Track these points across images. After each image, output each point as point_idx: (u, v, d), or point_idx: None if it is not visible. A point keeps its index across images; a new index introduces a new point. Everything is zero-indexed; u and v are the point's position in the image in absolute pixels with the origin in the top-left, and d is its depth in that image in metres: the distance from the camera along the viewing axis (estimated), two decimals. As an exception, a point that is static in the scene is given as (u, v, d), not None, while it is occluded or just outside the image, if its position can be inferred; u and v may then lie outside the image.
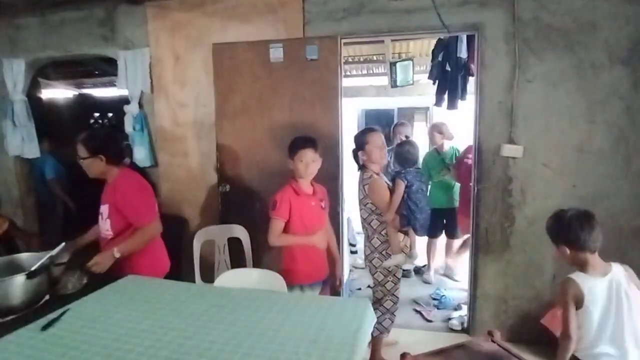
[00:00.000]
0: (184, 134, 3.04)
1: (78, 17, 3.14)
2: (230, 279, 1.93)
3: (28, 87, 3.43)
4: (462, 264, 3.73)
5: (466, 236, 3.65)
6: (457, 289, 3.55)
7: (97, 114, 6.39)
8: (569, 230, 1.58)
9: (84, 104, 6.39)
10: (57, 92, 6.03)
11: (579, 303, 1.53)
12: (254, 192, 2.81)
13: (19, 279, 1.52)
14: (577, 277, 1.55)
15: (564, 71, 2.43)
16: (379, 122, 4.64)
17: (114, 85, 4.62)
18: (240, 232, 2.76)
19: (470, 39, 2.98)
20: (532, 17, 2.43)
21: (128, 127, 3.09)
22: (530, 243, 2.58)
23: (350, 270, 3.84)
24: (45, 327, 1.38)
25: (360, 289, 3.52)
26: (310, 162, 2.09)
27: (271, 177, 2.74)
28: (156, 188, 3.16)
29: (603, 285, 1.54)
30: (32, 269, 1.58)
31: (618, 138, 2.40)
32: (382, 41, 4.06)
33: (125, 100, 3.10)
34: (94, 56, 3.38)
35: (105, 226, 2.03)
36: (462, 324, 2.86)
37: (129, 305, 1.55)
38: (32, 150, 3.45)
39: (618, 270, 1.58)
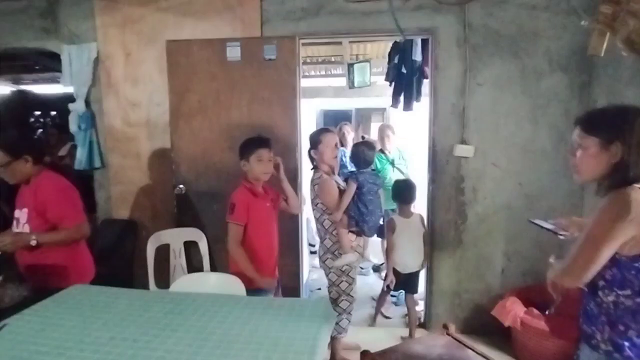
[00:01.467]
0: (136, 134, 2.90)
1: (16, 8, 2.90)
2: (187, 283, 1.87)
3: (-43, 82, 3.13)
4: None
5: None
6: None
7: (38, 113, 5.97)
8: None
9: (24, 101, 5.95)
10: (-7, 88, 5.58)
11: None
12: (211, 194, 2.74)
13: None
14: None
15: (510, 76, 2.58)
16: (337, 123, 4.68)
17: (58, 82, 4.32)
18: (196, 235, 2.68)
19: (424, 43, 3.08)
20: (481, 24, 2.56)
21: (73, 126, 2.91)
22: (481, 239, 2.72)
23: (310, 271, 3.85)
24: (-22, 345, 1.27)
25: (320, 288, 3.54)
26: (267, 162, 2.06)
27: (228, 178, 2.68)
28: (105, 191, 3.01)
29: None
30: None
31: (558, 139, 2.58)
32: (340, 42, 4.11)
33: (71, 98, 2.91)
34: (35, 50, 3.14)
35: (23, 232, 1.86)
36: (419, 319, 2.95)
37: (75, 317, 1.46)
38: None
39: None
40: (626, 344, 1.11)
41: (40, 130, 5.99)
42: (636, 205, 1.03)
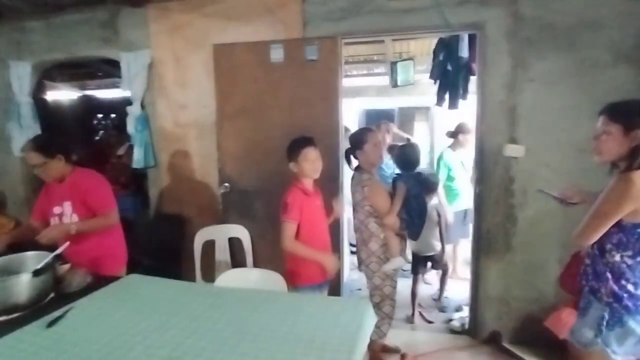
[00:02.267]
0: (185, 135, 3.06)
1: (81, 20, 3.17)
2: (230, 278, 1.95)
3: (33, 89, 3.47)
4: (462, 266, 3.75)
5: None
6: (459, 290, 3.54)
7: (100, 115, 6.45)
8: None
9: (88, 105, 6.45)
10: (62, 94, 6.09)
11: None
12: (254, 192, 2.82)
13: (25, 277, 1.55)
14: None
15: (565, 70, 2.42)
16: (379, 123, 4.62)
17: (118, 87, 4.65)
18: (240, 231, 2.78)
19: (471, 38, 2.97)
20: (533, 16, 2.42)
21: (130, 128, 3.12)
22: (532, 244, 2.57)
23: (350, 270, 3.84)
24: (50, 325, 1.41)
25: (360, 289, 3.53)
26: (315, 160, 2.08)
27: (271, 177, 2.75)
28: (157, 188, 3.20)
29: None
30: (38, 267, 1.60)
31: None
32: (383, 41, 4.06)
33: (128, 102, 3.13)
34: (97, 58, 3.41)
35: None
36: (463, 325, 2.85)
37: (131, 304, 1.57)
38: (36, 151, 3.49)
39: None
40: (625, 295, 1.41)
41: (102, 131, 6.46)
42: (637, 188, 1.33)
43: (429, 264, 3.20)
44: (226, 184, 2.86)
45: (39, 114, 3.52)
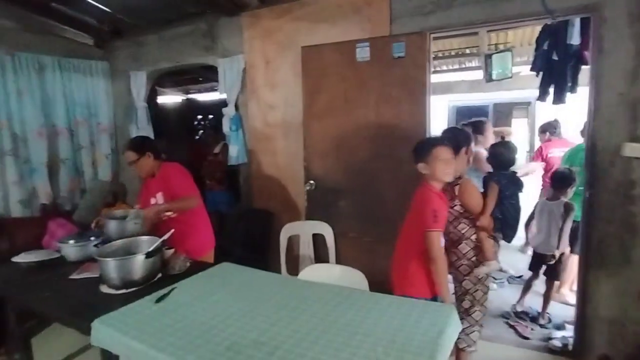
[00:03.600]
0: (274, 134, 3.23)
1: (186, 32, 3.54)
2: (313, 273, 2.00)
3: (148, 95, 3.97)
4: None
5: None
6: (561, 305, 3.17)
7: (200, 117, 7.13)
8: None
9: (190, 108, 7.17)
10: (168, 98, 6.85)
11: None
12: (339, 190, 2.86)
13: (139, 258, 1.80)
14: None
15: None
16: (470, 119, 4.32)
17: (215, 90, 5.06)
18: (324, 228, 2.84)
19: (584, 23, 2.63)
20: (665, -7, 2.06)
21: (226, 127, 3.38)
22: (657, 258, 2.20)
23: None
24: (158, 300, 1.60)
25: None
26: (449, 160, 1.90)
27: (356, 175, 2.77)
28: (248, 184, 3.42)
29: None
30: (149, 250, 1.83)
31: None
32: (477, 33, 3.81)
33: (224, 104, 3.40)
34: (198, 65, 3.76)
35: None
36: (566, 345, 2.55)
37: (224, 289, 1.71)
38: (149, 149, 3.99)
39: None
40: None
41: (201, 131, 7.14)
42: None
43: (543, 267, 3.01)
44: (311, 182, 2.94)
45: (151, 116, 4.02)
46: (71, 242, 2.27)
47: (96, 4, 3.41)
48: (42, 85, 3.61)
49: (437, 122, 4.32)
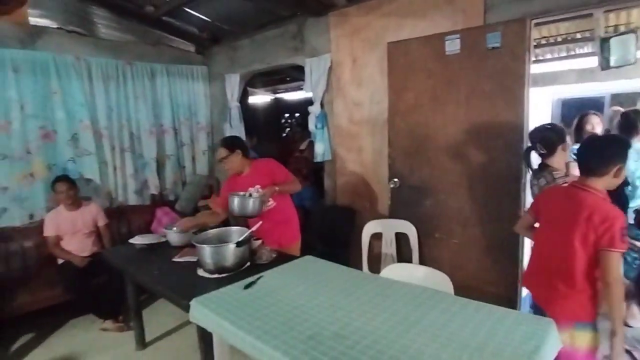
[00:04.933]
0: (358, 131, 3.23)
1: (276, 34, 3.71)
2: (396, 272, 1.97)
3: (240, 96, 4.26)
4: None
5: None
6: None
7: (287, 115, 7.45)
8: None
9: (277, 107, 7.53)
10: (258, 98, 7.27)
11: None
12: (424, 189, 2.77)
13: (231, 247, 1.96)
14: None
15: None
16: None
17: (302, 89, 5.24)
18: (407, 227, 2.77)
19: None
20: None
21: (311, 125, 3.48)
22: None
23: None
24: (246, 287, 1.73)
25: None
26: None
27: (443, 175, 2.65)
28: (332, 180, 3.49)
29: None
30: (239, 239, 1.98)
31: None
32: (590, 14, 3.36)
33: (310, 102, 3.50)
34: (287, 65, 3.92)
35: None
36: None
37: (307, 281, 1.77)
38: (241, 146, 4.30)
39: None
40: None
41: (288, 129, 7.45)
42: None
43: None
44: (395, 180, 2.89)
45: (243, 115, 4.31)
46: (174, 229, 2.55)
47: (198, 15, 3.76)
48: (153, 90, 4.10)
49: (539, 117, 3.92)
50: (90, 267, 3.03)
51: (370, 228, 2.86)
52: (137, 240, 2.58)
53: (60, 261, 3.10)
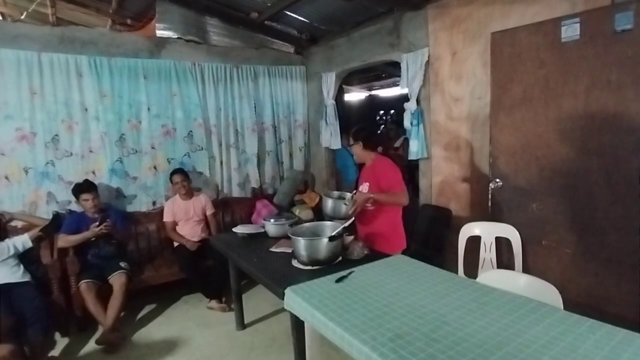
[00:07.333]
0: (457, 128, 3.07)
1: (372, 31, 3.71)
2: (494, 278, 1.84)
3: (336, 93, 4.37)
4: None
5: None
6: None
7: (382, 112, 7.39)
8: None
9: (372, 103, 7.52)
10: (353, 95, 7.34)
11: None
12: (531, 192, 2.52)
13: (324, 241, 2.04)
14: None
15: None
16: None
17: (397, 85, 5.15)
18: (510, 232, 2.56)
19: None
20: None
21: (407, 122, 3.41)
22: None
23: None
24: (338, 280, 1.79)
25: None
26: None
27: (555, 175, 2.39)
28: (427, 179, 3.37)
29: None
30: (332, 234, 2.05)
31: None
32: None
33: (406, 98, 3.43)
34: (382, 61, 3.89)
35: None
36: None
37: (398, 280, 1.77)
38: (335, 142, 4.41)
39: None
40: None
41: (382, 126, 7.40)
42: None
43: None
44: (497, 180, 2.69)
45: (337, 112, 4.41)
46: (272, 220, 2.74)
47: (298, 17, 3.95)
48: (256, 90, 4.44)
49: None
50: (200, 251, 3.43)
51: (467, 230, 2.70)
52: (240, 229, 2.84)
53: (175, 244, 3.58)
